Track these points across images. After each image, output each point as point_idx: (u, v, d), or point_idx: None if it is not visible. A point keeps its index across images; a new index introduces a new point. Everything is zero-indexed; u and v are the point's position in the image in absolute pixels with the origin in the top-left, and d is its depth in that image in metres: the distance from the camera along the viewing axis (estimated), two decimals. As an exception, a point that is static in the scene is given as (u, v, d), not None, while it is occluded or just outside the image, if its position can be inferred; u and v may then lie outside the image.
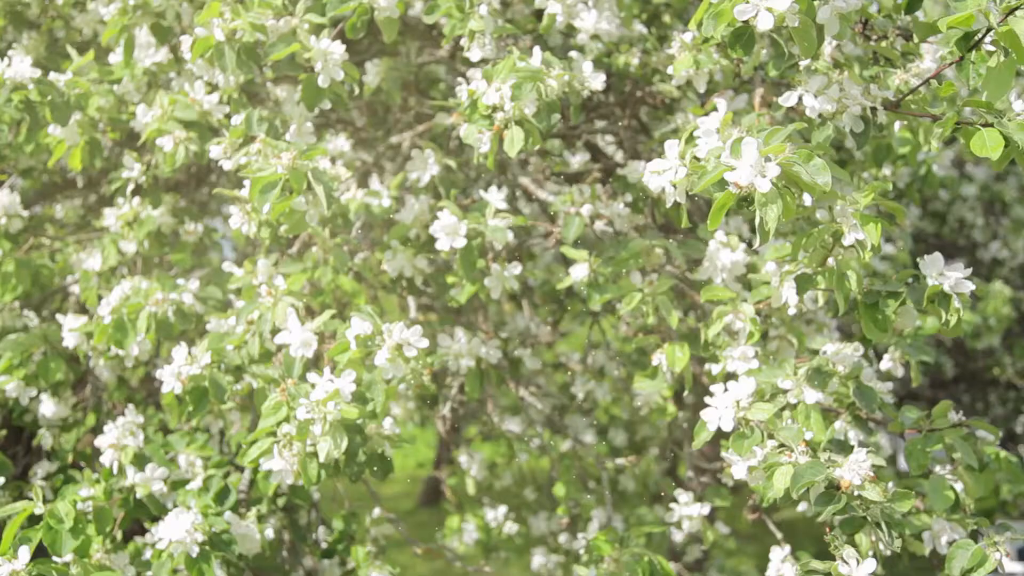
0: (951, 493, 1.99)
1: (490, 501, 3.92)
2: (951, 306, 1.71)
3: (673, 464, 6.52)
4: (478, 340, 2.27)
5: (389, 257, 2.29)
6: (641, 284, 2.07)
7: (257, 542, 2.32)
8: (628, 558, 2.20)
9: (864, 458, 1.65)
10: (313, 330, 2.05)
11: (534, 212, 2.81)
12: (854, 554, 1.61)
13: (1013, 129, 1.59)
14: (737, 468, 1.78)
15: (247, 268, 2.31)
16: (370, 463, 2.10)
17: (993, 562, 1.89)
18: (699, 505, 2.43)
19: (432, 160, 2.31)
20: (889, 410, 2.03)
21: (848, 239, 1.68)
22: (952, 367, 6.24)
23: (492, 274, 2.16)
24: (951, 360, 6.24)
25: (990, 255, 5.79)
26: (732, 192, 1.43)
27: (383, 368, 1.92)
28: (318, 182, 1.81)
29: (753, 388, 1.80)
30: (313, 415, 1.89)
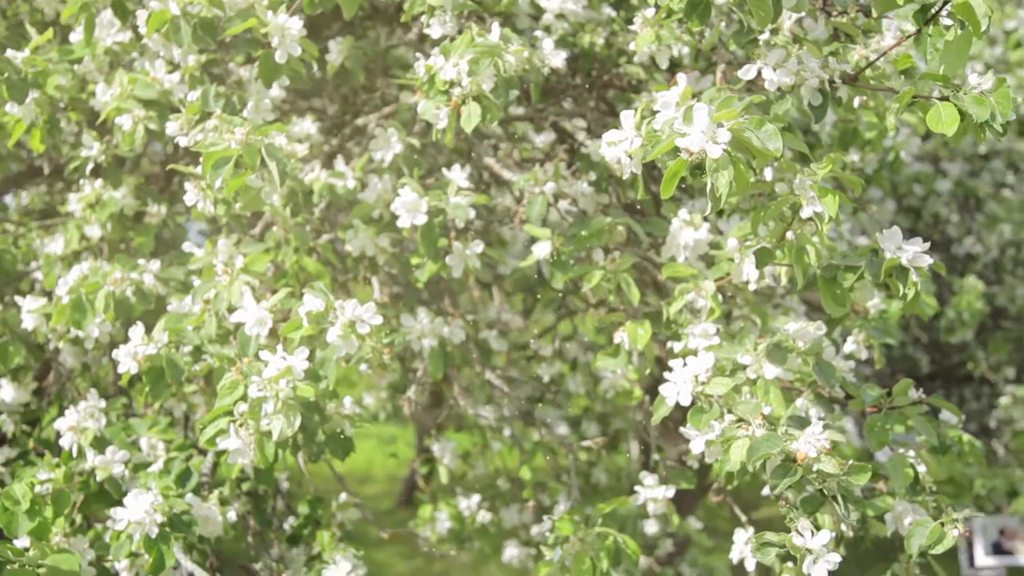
0: (911, 471, 1.99)
1: (463, 491, 3.89)
2: (909, 280, 1.71)
3: (648, 457, 6.50)
4: (441, 320, 2.26)
5: (351, 236, 2.27)
6: (603, 262, 2.06)
7: (219, 524, 2.29)
8: (593, 538, 2.19)
9: (821, 431, 1.65)
10: (269, 308, 2.02)
11: (504, 198, 2.79)
12: (809, 526, 1.61)
13: (968, 103, 1.59)
14: (695, 443, 1.77)
15: (208, 248, 2.28)
16: (330, 443, 2.08)
17: (951, 539, 1.90)
18: (664, 488, 2.42)
19: (395, 139, 2.29)
20: (851, 388, 2.02)
21: (806, 211, 1.67)
22: (928, 364, 6.27)
23: (454, 252, 2.15)
24: (927, 356, 6.27)
25: (964, 250, 5.81)
26: (684, 159, 1.42)
27: (335, 345, 1.90)
28: (272, 158, 1.79)
29: (712, 363, 1.79)
30: (265, 393, 1.87)
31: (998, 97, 1.59)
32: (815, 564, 1.60)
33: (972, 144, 5.99)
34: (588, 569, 2.16)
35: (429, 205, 2.06)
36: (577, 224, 2.08)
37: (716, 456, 1.74)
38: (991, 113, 1.58)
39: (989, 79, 1.62)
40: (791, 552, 1.63)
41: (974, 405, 6.15)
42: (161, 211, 2.62)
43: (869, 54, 1.78)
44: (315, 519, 2.70)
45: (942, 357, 6.37)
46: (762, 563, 2.32)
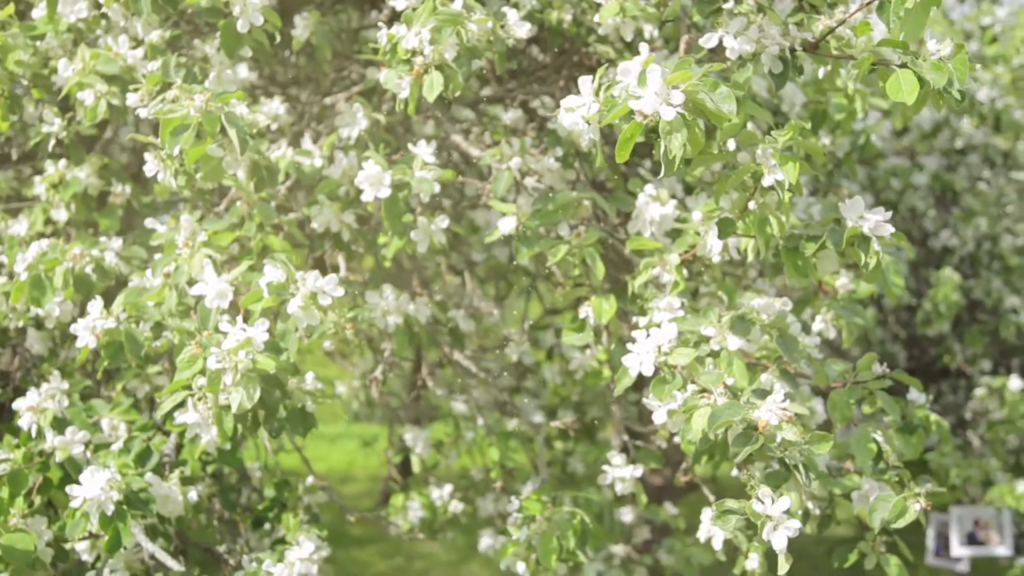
0: (874, 446, 1.99)
1: (436, 480, 3.87)
2: (871, 249, 1.71)
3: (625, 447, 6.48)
4: (406, 297, 2.24)
5: (316, 212, 2.25)
6: (569, 236, 2.05)
7: (180, 504, 2.26)
8: (560, 518, 2.17)
9: (783, 399, 1.63)
10: (230, 281, 2.00)
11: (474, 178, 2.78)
12: (769, 493, 1.59)
13: (926, 69, 1.59)
14: (657, 413, 1.76)
15: (170, 224, 2.25)
16: (291, 419, 2.06)
17: (913, 513, 1.89)
18: (632, 467, 2.40)
19: (361, 114, 2.27)
20: (816, 364, 2.02)
21: (767, 180, 1.66)
22: (906, 358, 6.30)
23: (419, 227, 2.13)
24: (905, 351, 6.30)
25: (941, 243, 5.84)
26: (638, 122, 1.41)
27: (296, 317, 1.88)
28: (232, 126, 1.77)
29: (675, 334, 1.77)
30: (224, 365, 1.84)
31: (956, 64, 1.59)
32: (775, 531, 1.59)
33: (949, 139, 6.03)
34: (554, 548, 2.15)
35: (393, 178, 2.04)
36: (543, 199, 2.07)
37: (678, 426, 1.72)
38: (949, 79, 1.57)
39: (947, 46, 1.62)
40: (752, 520, 1.62)
41: (951, 398, 6.18)
42: (126, 191, 2.59)
43: (832, 23, 1.77)
44: (281, 502, 2.67)
45: (920, 353, 6.40)
46: (732, 542, 2.33)
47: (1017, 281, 5.78)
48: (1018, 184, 5.96)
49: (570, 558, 2.16)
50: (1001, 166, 6.12)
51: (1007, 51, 6.14)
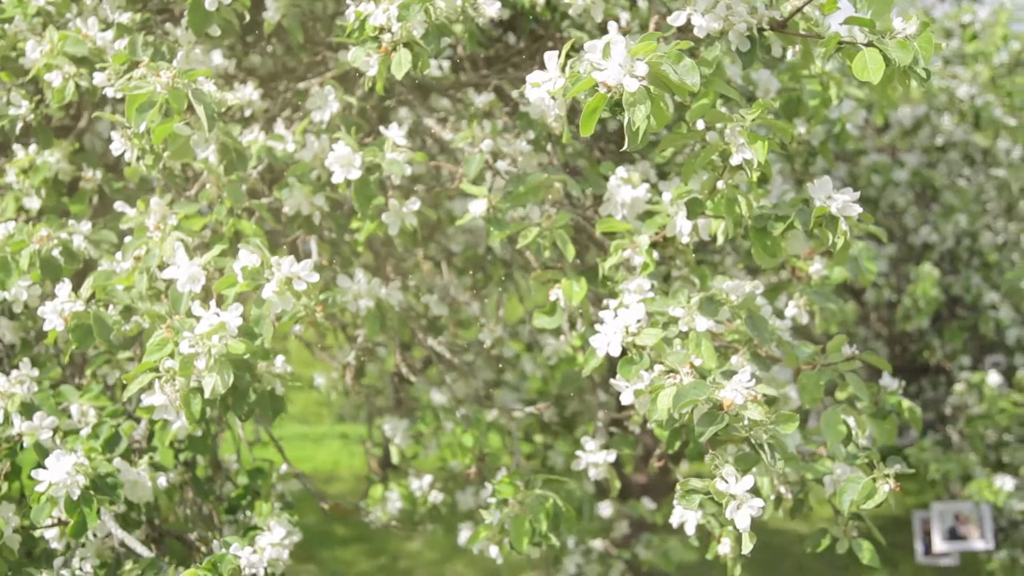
0: (844, 428, 1.99)
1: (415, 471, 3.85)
2: (838, 229, 1.71)
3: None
4: (378, 281, 2.23)
5: (287, 195, 2.23)
6: (539, 219, 2.05)
7: (149, 490, 2.24)
8: (532, 500, 2.17)
9: (749, 379, 1.63)
10: (202, 265, 1.98)
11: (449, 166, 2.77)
12: (733, 472, 1.59)
13: (892, 47, 1.59)
14: (625, 394, 1.75)
15: (140, 208, 2.24)
16: (261, 402, 2.05)
17: (882, 494, 1.90)
18: (605, 452, 2.40)
19: (332, 97, 2.26)
20: (786, 347, 2.02)
21: (736, 158, 1.66)
22: (888, 356, 6.32)
23: (390, 209, 2.12)
24: (887, 349, 6.33)
25: (921, 240, 5.86)
26: (602, 94, 1.40)
27: (271, 302, 1.87)
28: (199, 102, 1.75)
29: (643, 314, 1.77)
30: (197, 349, 1.83)
31: (921, 42, 1.59)
32: (739, 510, 1.58)
33: (930, 136, 6.07)
34: (527, 531, 2.15)
35: (364, 160, 2.03)
36: (514, 181, 2.06)
37: (644, 406, 1.72)
38: (914, 58, 1.57)
39: (913, 24, 1.62)
40: (716, 499, 1.61)
41: (931, 394, 6.21)
42: (96, 176, 2.57)
43: (800, 3, 1.77)
44: (255, 490, 2.65)
45: (902, 351, 6.43)
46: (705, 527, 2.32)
47: (996, 277, 5.81)
48: (997, 181, 6.00)
49: (543, 541, 2.15)
50: (981, 163, 6.16)
51: (987, 48, 6.18)
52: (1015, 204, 6.23)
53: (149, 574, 2.22)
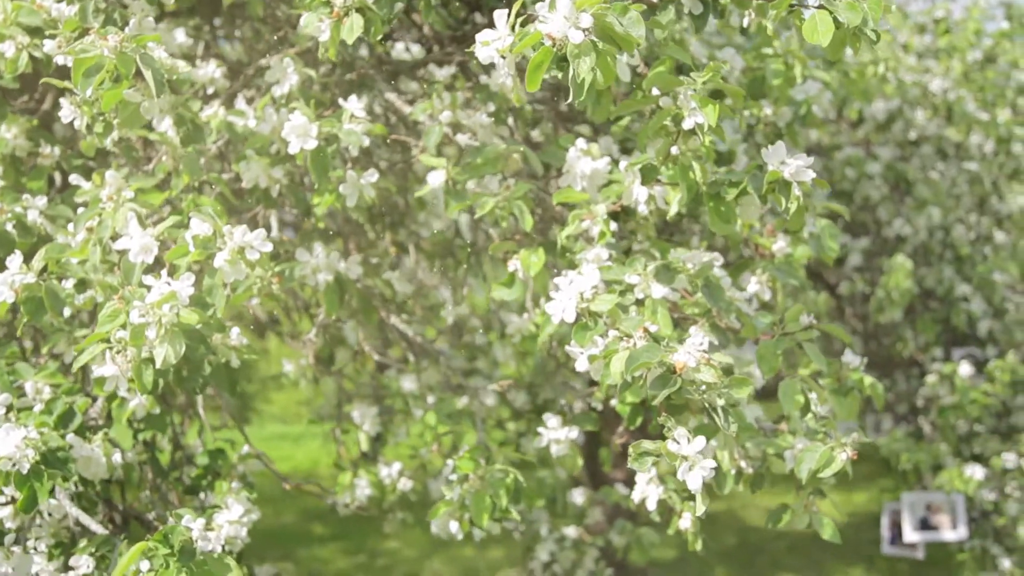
0: (801, 397, 1.99)
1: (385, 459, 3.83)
2: (791, 194, 1.70)
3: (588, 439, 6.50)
4: (337, 254, 2.21)
5: (244, 168, 2.21)
6: (498, 190, 2.03)
7: (103, 466, 2.21)
8: (493, 476, 2.16)
9: (701, 341, 1.63)
10: (155, 235, 1.96)
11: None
12: (685, 433, 1.58)
13: (842, 9, 1.59)
14: (579, 361, 1.74)
15: (96, 181, 2.21)
16: (216, 375, 2.02)
17: (840, 462, 1.90)
18: (567, 429, 2.39)
19: (291, 69, 2.24)
20: (745, 318, 2.02)
21: (688, 123, 1.66)
22: (863, 351, 6.36)
23: (347, 180, 2.10)
24: (863, 344, 6.36)
25: (894, 232, 5.90)
26: (548, 48, 1.40)
27: (223, 271, 1.85)
28: (147, 67, 1.73)
29: (597, 280, 1.76)
30: (148, 319, 1.80)
31: (871, 4, 1.59)
32: (690, 471, 1.58)
33: (903, 130, 6.11)
34: (487, 507, 2.13)
35: (320, 130, 2.02)
36: (472, 152, 2.05)
37: (598, 371, 1.71)
38: (863, 19, 1.57)
39: (864, -15, 1.62)
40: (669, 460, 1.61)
41: (903, 386, 6.24)
42: (54, 153, 2.53)
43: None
44: (215, 470, 2.62)
45: (878, 346, 6.46)
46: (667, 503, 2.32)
47: (969, 270, 5.85)
48: (969, 174, 6.04)
49: (503, 516, 2.14)
50: (953, 157, 6.20)
51: (960, 43, 6.23)
52: (987, 198, 6.28)
53: (103, 551, 2.19)
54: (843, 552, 8.32)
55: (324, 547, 8.78)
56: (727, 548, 8.47)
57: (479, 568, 8.01)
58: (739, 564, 8.02)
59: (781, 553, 8.45)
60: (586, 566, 4.26)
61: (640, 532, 4.16)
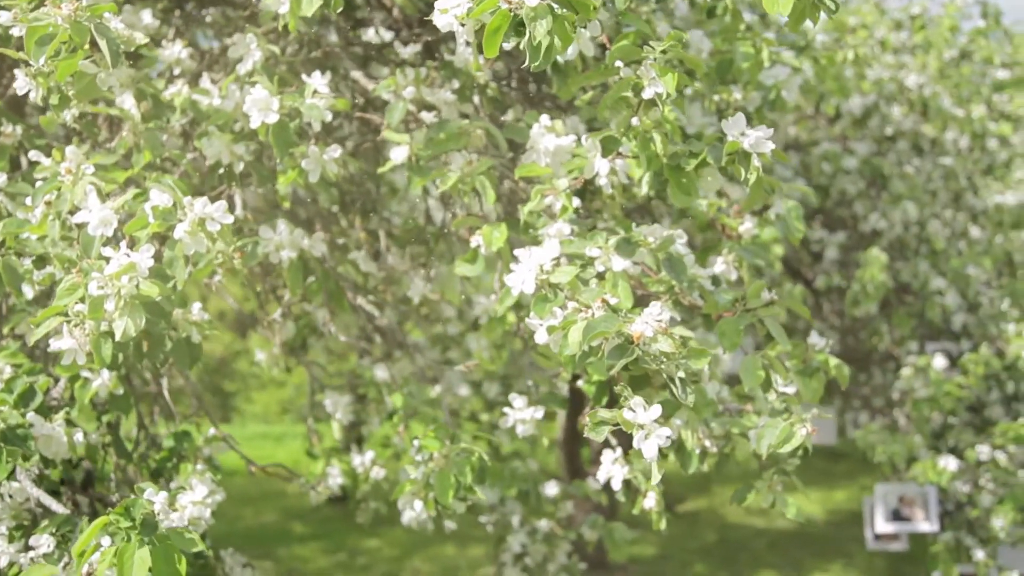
0: (762, 373, 1.99)
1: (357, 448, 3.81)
2: (751, 164, 1.71)
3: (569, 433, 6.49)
4: (301, 231, 2.20)
5: (206, 144, 2.20)
6: (461, 165, 2.03)
7: (64, 445, 2.19)
8: (457, 455, 2.15)
9: (659, 312, 1.62)
10: (115, 208, 1.94)
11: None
12: (641, 402, 1.58)
13: (801, -22, 1.59)
14: (539, 333, 1.74)
15: (56, 157, 2.18)
16: (177, 350, 2.01)
17: (800, 437, 1.90)
18: (532, 409, 2.38)
19: (255, 45, 2.23)
20: (707, 294, 2.02)
21: (648, 92, 1.66)
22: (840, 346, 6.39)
23: (309, 155, 2.09)
24: (841, 339, 6.39)
25: (870, 226, 5.93)
26: (504, 11, 1.39)
27: (183, 243, 1.83)
28: (102, 36, 1.71)
29: (557, 252, 1.76)
30: (106, 291, 1.78)
31: (829, -28, 1.60)
32: (646, 439, 1.57)
33: (880, 126, 6.15)
34: (451, 485, 2.13)
35: (282, 104, 2.00)
36: (435, 128, 2.04)
37: (557, 343, 1.70)
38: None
39: (821, -45, 1.62)
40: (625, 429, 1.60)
41: (880, 380, 6.27)
42: (16, 132, 2.51)
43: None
44: (179, 453, 2.60)
45: (856, 342, 6.49)
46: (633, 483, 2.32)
47: (943, 264, 5.89)
48: (944, 169, 6.09)
49: (468, 495, 2.13)
50: (929, 152, 6.25)
51: (936, 39, 6.27)
52: (962, 194, 6.32)
53: (64, 530, 2.17)
54: (823, 549, 8.36)
55: (304, 546, 8.74)
56: (708, 545, 8.49)
57: (459, 566, 8.00)
58: (720, 561, 8.04)
59: (762, 550, 8.48)
60: (558, 559, 4.25)
61: (612, 526, 4.15)
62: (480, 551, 7.87)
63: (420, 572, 7.94)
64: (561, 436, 8.11)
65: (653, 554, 8.50)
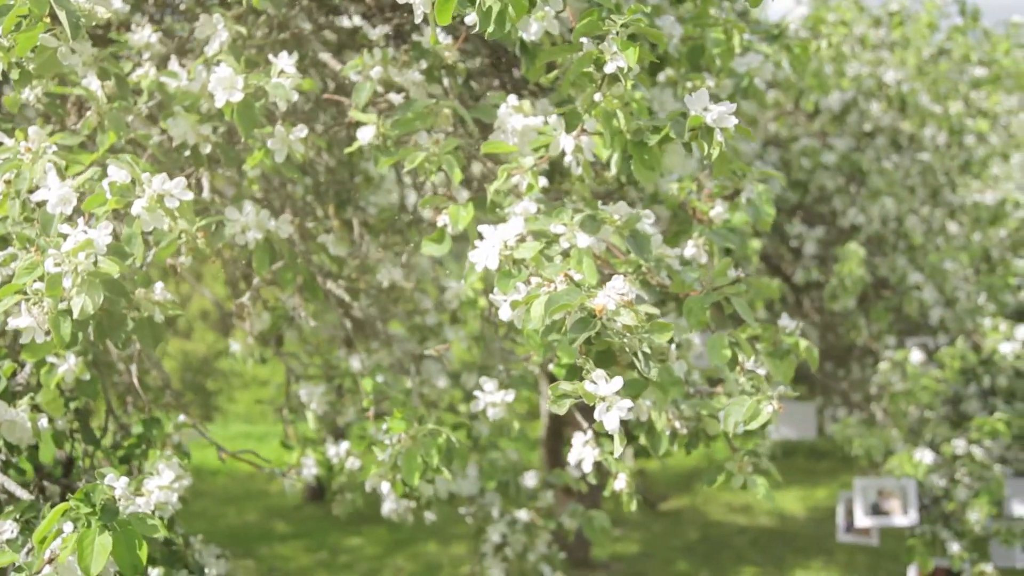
0: (728, 351, 1.99)
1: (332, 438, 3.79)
2: (713, 140, 1.70)
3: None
4: (267, 213, 2.18)
5: (172, 124, 2.18)
6: (428, 144, 2.02)
7: (28, 431, 2.17)
8: (424, 436, 2.14)
9: (623, 286, 1.62)
10: (74, 187, 1.92)
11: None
12: (603, 374, 1.57)
13: (763, -50, 1.59)
14: (503, 309, 1.73)
15: (18, 137, 2.16)
16: (139, 330, 1.99)
17: (766, 414, 1.90)
18: (503, 392, 2.37)
19: (221, 25, 2.21)
20: (674, 273, 2.01)
21: (610, 66, 1.65)
22: (820, 342, 6.42)
23: (275, 135, 2.07)
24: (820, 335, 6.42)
25: (849, 221, 5.96)
26: (461, -22, 1.38)
27: (142, 219, 1.82)
28: (61, 8, 1.69)
29: (521, 227, 1.75)
30: (64, 268, 1.77)
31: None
32: (607, 411, 1.56)
33: (859, 121, 6.18)
34: (418, 466, 2.11)
35: (247, 83, 1.99)
36: (403, 107, 2.03)
37: (520, 318, 1.70)
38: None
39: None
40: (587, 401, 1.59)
41: (858, 375, 6.30)
42: (-16, 113, 2.48)
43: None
44: (148, 439, 2.58)
45: (836, 338, 6.52)
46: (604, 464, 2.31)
47: (921, 259, 5.92)
48: (922, 165, 6.12)
49: (435, 476, 2.12)
50: (908, 148, 6.28)
51: (914, 36, 6.31)
52: (940, 190, 6.37)
53: (28, 516, 2.15)
54: (803, 546, 8.39)
55: (285, 544, 8.70)
56: (690, 543, 8.51)
57: (441, 563, 7.98)
58: (702, 558, 8.05)
59: (743, 548, 8.51)
60: (538, 549, 4.24)
61: (591, 515, 4.14)
62: (462, 549, 7.85)
63: (402, 570, 7.92)
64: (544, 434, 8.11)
65: (636, 552, 8.51)
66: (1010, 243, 6.82)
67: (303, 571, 7.91)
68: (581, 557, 7.80)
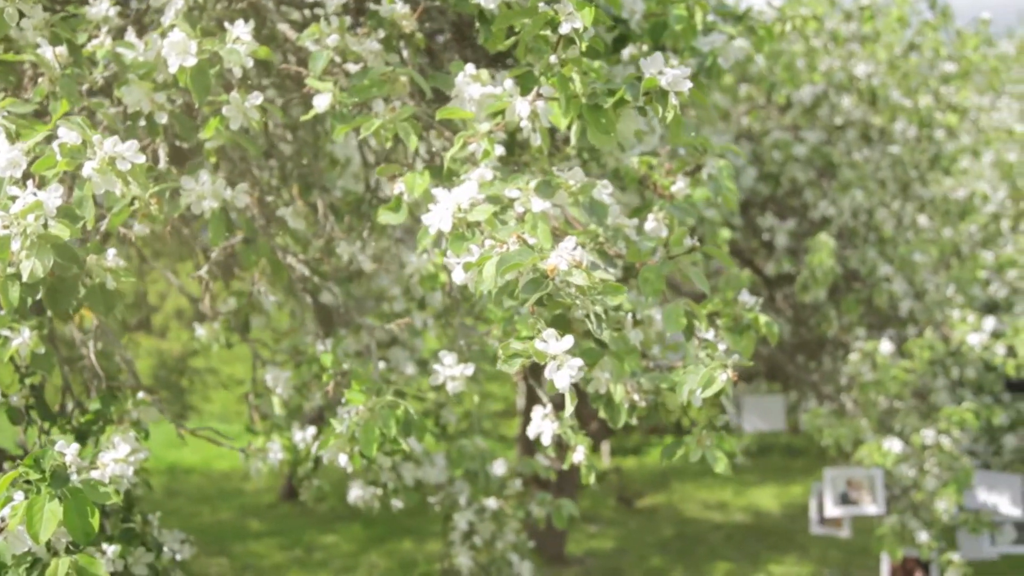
0: (684, 320, 1.99)
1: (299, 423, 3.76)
2: (668, 103, 1.70)
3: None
4: (223, 182, 2.16)
5: (127, 92, 2.15)
6: (383, 111, 2.01)
7: (-20, 404, 2.13)
8: (382, 407, 2.12)
9: (574, 246, 1.61)
10: (24, 151, 1.89)
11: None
12: (553, 333, 1.56)
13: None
14: (456, 272, 1.72)
15: (-28, 106, 2.13)
16: (91, 297, 1.96)
17: (720, 382, 1.90)
18: (463, 366, 2.36)
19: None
20: (630, 242, 2.01)
21: (564, 27, 1.65)
22: (792, 334, 6.45)
23: (231, 102, 2.05)
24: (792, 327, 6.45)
25: (819, 213, 5.99)
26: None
27: (92, 182, 1.79)
28: (10, -32, 1.67)
29: (475, 191, 1.74)
30: (12, 230, 1.74)
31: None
32: (558, 370, 1.56)
33: (829, 115, 6.22)
34: (376, 438, 2.10)
35: (200, 48, 1.97)
36: (359, 75, 2.02)
37: (472, 280, 1.69)
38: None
39: None
40: (537, 360, 1.58)
41: (830, 366, 6.33)
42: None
43: None
44: (106, 415, 2.54)
45: (807, 331, 6.55)
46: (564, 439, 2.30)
47: (891, 252, 5.96)
48: (892, 158, 6.17)
49: (393, 447, 2.11)
50: (878, 141, 6.33)
51: (884, 30, 6.36)
52: (910, 184, 6.41)
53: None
54: (777, 542, 8.43)
55: (260, 542, 8.64)
56: (665, 539, 8.53)
57: (415, 560, 7.95)
58: (677, 554, 8.08)
59: (718, 543, 8.54)
60: (506, 537, 4.22)
61: (559, 503, 4.13)
62: (437, 545, 7.82)
63: (376, 567, 7.89)
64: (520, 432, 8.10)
65: (611, 547, 8.52)
66: (980, 237, 6.89)
67: (277, 569, 7.86)
68: (556, 552, 7.80)
